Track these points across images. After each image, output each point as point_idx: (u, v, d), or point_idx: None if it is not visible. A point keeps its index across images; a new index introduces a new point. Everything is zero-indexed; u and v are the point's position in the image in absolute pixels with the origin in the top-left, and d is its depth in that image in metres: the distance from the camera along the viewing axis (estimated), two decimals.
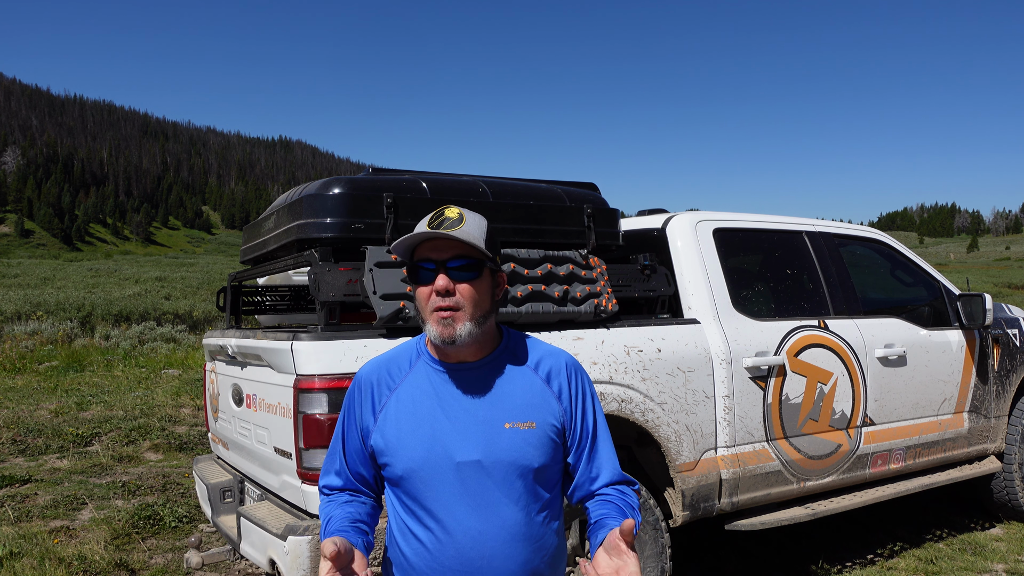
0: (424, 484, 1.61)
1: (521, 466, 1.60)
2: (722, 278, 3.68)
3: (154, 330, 16.96)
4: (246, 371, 3.40)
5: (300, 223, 3.02)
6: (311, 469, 2.73)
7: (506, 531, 1.60)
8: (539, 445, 1.63)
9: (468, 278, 1.59)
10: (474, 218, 1.62)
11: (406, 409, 1.65)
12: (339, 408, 2.68)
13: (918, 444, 4.27)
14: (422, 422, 1.63)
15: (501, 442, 1.60)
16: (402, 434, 1.63)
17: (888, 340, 4.14)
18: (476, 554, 1.58)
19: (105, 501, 5.51)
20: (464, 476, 1.59)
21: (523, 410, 1.64)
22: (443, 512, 1.60)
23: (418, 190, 3.11)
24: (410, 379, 1.68)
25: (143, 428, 7.55)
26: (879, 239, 4.62)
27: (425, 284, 1.60)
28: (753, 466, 3.55)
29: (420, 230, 1.59)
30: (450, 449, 1.60)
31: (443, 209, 1.61)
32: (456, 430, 1.61)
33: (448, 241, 1.58)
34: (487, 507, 1.60)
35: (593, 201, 3.49)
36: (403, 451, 1.62)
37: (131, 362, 12.94)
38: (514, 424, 1.61)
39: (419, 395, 1.65)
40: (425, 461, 1.61)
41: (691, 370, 3.40)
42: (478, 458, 1.59)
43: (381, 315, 2.77)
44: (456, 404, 1.63)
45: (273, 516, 2.92)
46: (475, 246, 1.58)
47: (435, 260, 1.59)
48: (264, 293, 4.41)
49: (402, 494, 1.66)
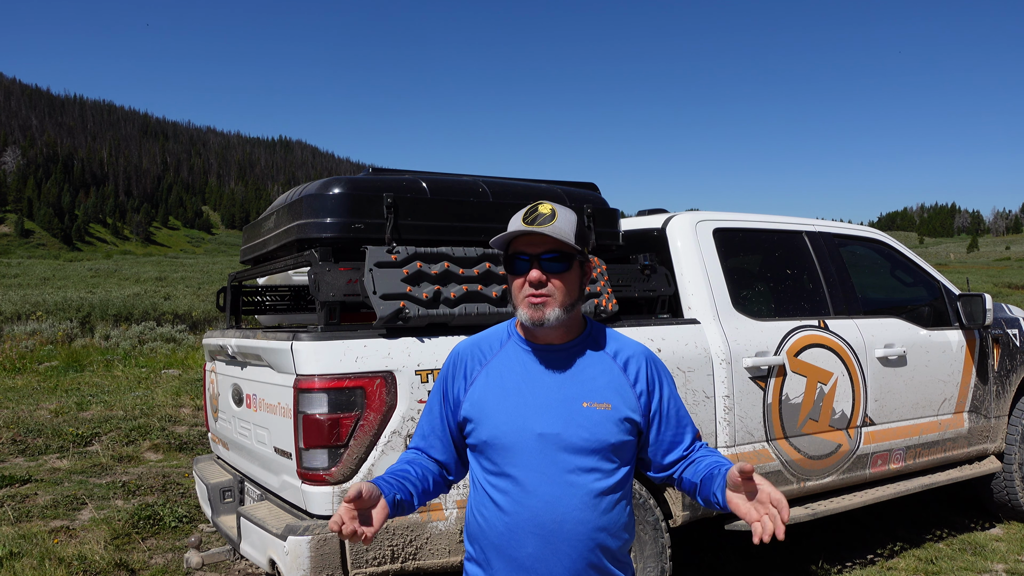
0: (506, 451, 1.77)
1: (596, 441, 1.75)
2: (722, 278, 3.69)
3: (154, 330, 16.95)
4: (246, 371, 3.40)
5: (300, 223, 3.02)
6: (311, 469, 2.73)
7: (577, 499, 1.74)
8: (614, 424, 1.78)
9: (559, 270, 1.76)
10: (565, 213, 1.77)
11: (495, 382, 1.82)
12: (339, 408, 2.70)
13: (918, 444, 4.27)
14: (508, 394, 1.79)
15: (579, 419, 1.76)
16: (489, 404, 1.80)
17: (888, 340, 4.14)
18: (549, 517, 1.73)
19: (105, 501, 5.51)
20: (543, 446, 1.75)
21: (600, 392, 1.79)
22: (522, 477, 1.75)
23: (418, 190, 3.11)
24: (500, 356, 1.86)
25: (143, 428, 7.55)
26: (879, 239, 4.62)
27: (519, 274, 1.77)
28: (753, 466, 3.55)
29: (515, 225, 1.76)
30: (532, 420, 1.76)
31: (537, 205, 1.77)
32: (539, 404, 1.77)
33: (542, 236, 1.74)
34: (562, 475, 1.74)
35: (593, 201, 3.49)
36: (489, 419, 1.79)
37: (131, 362, 12.94)
38: (591, 404, 1.77)
39: (507, 371, 1.82)
40: (509, 429, 1.76)
41: (691, 370, 3.40)
42: (557, 431, 1.75)
43: (381, 315, 2.77)
44: (540, 381, 1.80)
45: (273, 516, 2.92)
46: (566, 242, 1.73)
47: (529, 254, 1.75)
48: (264, 293, 4.41)
49: (484, 460, 1.81)
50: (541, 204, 1.77)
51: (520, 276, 1.77)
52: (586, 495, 1.75)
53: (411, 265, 2.89)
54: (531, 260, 1.75)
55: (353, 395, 2.72)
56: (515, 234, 1.76)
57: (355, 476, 2.71)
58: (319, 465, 2.72)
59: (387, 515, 1.66)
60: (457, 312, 2.92)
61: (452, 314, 2.91)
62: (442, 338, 2.93)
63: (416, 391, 2.80)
